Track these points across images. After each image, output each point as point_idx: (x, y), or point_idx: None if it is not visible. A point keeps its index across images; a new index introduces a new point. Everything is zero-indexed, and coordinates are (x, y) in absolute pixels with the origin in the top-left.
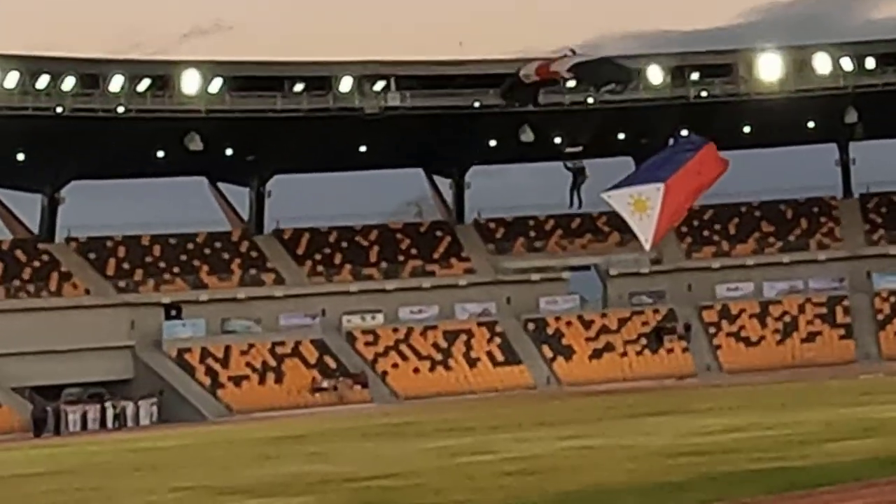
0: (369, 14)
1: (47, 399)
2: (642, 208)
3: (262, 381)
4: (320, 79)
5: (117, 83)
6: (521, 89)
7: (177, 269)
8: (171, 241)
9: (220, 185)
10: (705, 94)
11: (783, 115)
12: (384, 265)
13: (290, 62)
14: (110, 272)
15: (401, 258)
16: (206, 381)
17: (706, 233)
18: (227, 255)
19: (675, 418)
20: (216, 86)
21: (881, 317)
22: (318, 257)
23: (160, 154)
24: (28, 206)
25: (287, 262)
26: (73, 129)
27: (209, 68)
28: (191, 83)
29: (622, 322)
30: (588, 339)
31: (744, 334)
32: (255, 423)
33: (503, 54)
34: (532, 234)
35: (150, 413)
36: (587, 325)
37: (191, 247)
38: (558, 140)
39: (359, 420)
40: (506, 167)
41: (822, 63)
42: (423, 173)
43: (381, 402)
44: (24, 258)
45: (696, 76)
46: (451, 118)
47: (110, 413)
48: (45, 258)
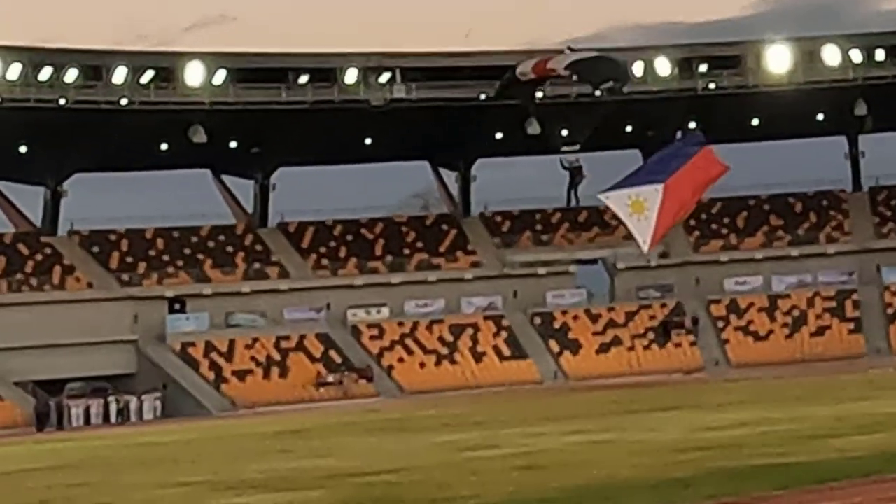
0: (374, 5)
1: (50, 393)
2: (640, 209)
3: (266, 376)
4: (325, 71)
5: (121, 75)
6: (518, 87)
7: (180, 263)
8: (175, 235)
9: (225, 178)
10: (713, 86)
11: (792, 108)
12: (389, 258)
13: (295, 54)
14: (113, 265)
15: (406, 251)
16: (210, 375)
17: (714, 226)
18: (231, 249)
19: (683, 413)
20: (220, 78)
21: (891, 311)
22: (322, 251)
23: (164, 146)
24: (31, 199)
25: (292, 256)
26: (76, 121)
27: (213, 60)
28: (195, 75)
29: (629, 316)
30: (595, 334)
31: (752, 328)
32: (260, 417)
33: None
34: (539, 227)
35: (153, 408)
36: (594, 319)
37: (195, 240)
38: (565, 132)
39: (364, 415)
40: (512, 160)
41: (831, 55)
42: (429, 166)
43: (387, 396)
44: (26, 251)
45: (704, 68)
46: (456, 110)
47: (113, 407)
48: (48, 251)
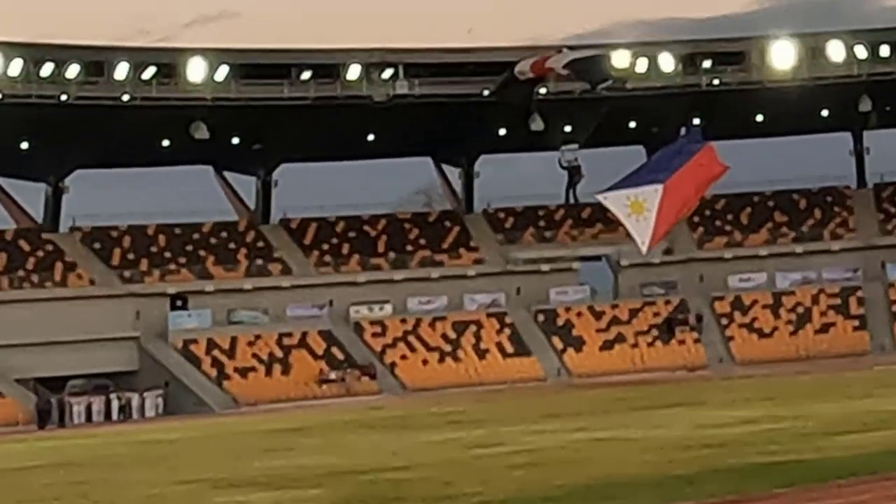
0: (377, 1)
1: (51, 391)
2: (639, 210)
3: (268, 373)
4: (328, 66)
5: (122, 71)
6: (515, 86)
7: (182, 260)
8: (177, 231)
9: (227, 174)
10: (717, 82)
11: (796, 104)
12: (392, 255)
13: (297, 49)
14: (115, 262)
15: (409, 248)
16: (212, 372)
17: (718, 223)
18: (233, 245)
19: (687, 410)
20: (222, 73)
21: None
22: (325, 247)
23: (165, 143)
24: (32, 196)
25: (294, 252)
26: (78, 117)
27: (215, 56)
28: (197, 71)
29: (633, 313)
30: (599, 331)
31: (756, 325)
32: (262, 415)
33: (513, 42)
34: (542, 223)
35: (155, 405)
36: (598, 316)
37: (196, 237)
38: (568, 128)
39: (366, 412)
40: (515, 156)
41: (835, 51)
42: (432, 162)
43: (390, 393)
44: (27, 248)
45: (708, 64)
46: (459, 106)
47: (115, 405)
48: (50, 248)
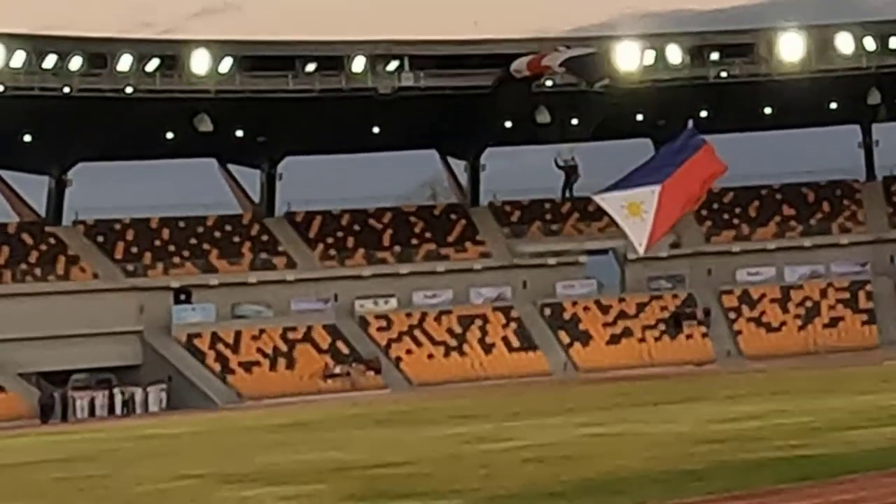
0: None
1: (55, 385)
2: (636, 212)
3: (273, 367)
4: (332, 58)
5: (126, 63)
6: (512, 84)
7: (186, 253)
8: (181, 224)
9: (231, 167)
10: (725, 74)
11: (805, 96)
12: (397, 249)
13: (302, 41)
14: (118, 256)
15: (414, 242)
16: (216, 366)
17: (726, 216)
18: (237, 239)
19: (695, 405)
20: (226, 66)
21: None
22: (330, 241)
23: (169, 135)
24: (35, 189)
25: (299, 246)
26: (81, 109)
27: (219, 48)
28: (200, 63)
29: (640, 307)
30: (605, 325)
31: (765, 320)
32: (266, 409)
33: (519, 34)
34: (548, 217)
35: (158, 399)
36: (605, 310)
37: (200, 230)
38: (575, 121)
39: (372, 407)
40: (521, 149)
41: (844, 43)
42: (438, 155)
43: (395, 388)
44: (30, 241)
45: (715, 56)
46: (465, 99)
47: (119, 399)
48: (52, 241)
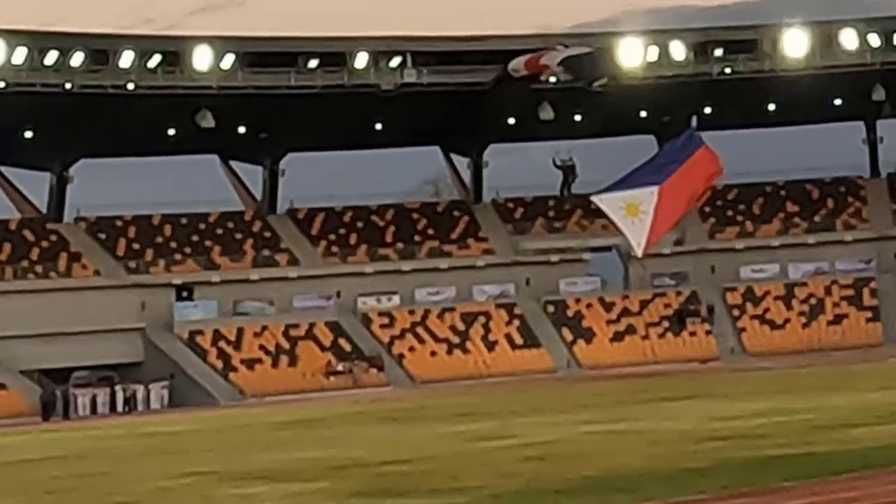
0: None
1: (56, 382)
2: (635, 212)
3: (275, 365)
4: (335, 55)
5: (127, 59)
6: (509, 83)
7: (188, 250)
8: (183, 221)
9: (233, 164)
10: (729, 70)
11: (809, 93)
12: (400, 246)
13: (304, 37)
14: (120, 252)
15: (417, 238)
16: (218, 364)
17: (730, 213)
18: (239, 236)
19: (698, 403)
20: (228, 62)
21: None
22: (332, 237)
23: (171, 132)
24: (36, 185)
25: (301, 243)
26: (83, 106)
27: (221, 44)
28: (202, 59)
29: (644, 304)
30: (609, 322)
31: (768, 317)
32: (269, 407)
33: (522, 30)
34: (552, 213)
35: (160, 397)
36: (608, 307)
37: (202, 227)
38: (578, 118)
39: (374, 404)
40: (525, 145)
41: (849, 39)
42: (440, 151)
43: (398, 385)
44: (32, 238)
45: (719, 52)
46: (468, 95)
47: (120, 396)
48: (54, 238)
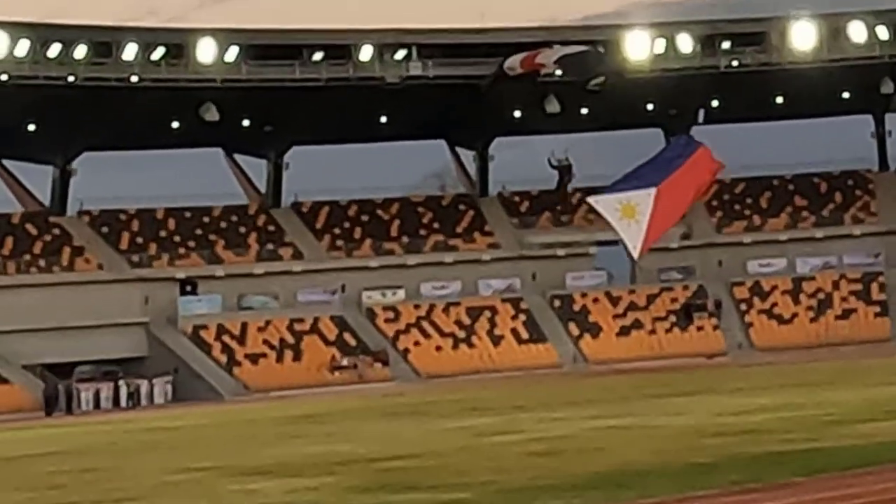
0: None
1: (59, 377)
2: (631, 214)
3: (279, 359)
4: (340, 47)
5: (131, 51)
6: (505, 82)
7: (192, 244)
8: (187, 215)
9: (237, 157)
10: (736, 63)
11: (817, 86)
12: (405, 239)
13: (309, 30)
14: (124, 246)
15: (423, 232)
16: (223, 358)
17: (737, 207)
18: (243, 229)
19: (706, 398)
20: (232, 54)
21: None
22: (337, 231)
23: (175, 125)
24: (39, 178)
25: (305, 237)
26: (86, 98)
27: (225, 36)
28: (206, 52)
29: (651, 299)
30: (615, 317)
31: (776, 311)
32: (273, 402)
33: (527, 22)
34: (558, 207)
35: (164, 391)
36: (615, 301)
37: (206, 220)
38: (585, 111)
39: (379, 399)
40: (531, 139)
41: (857, 32)
42: (446, 145)
43: (403, 380)
44: (34, 232)
45: (727, 45)
46: (474, 88)
47: (124, 391)
48: (57, 232)
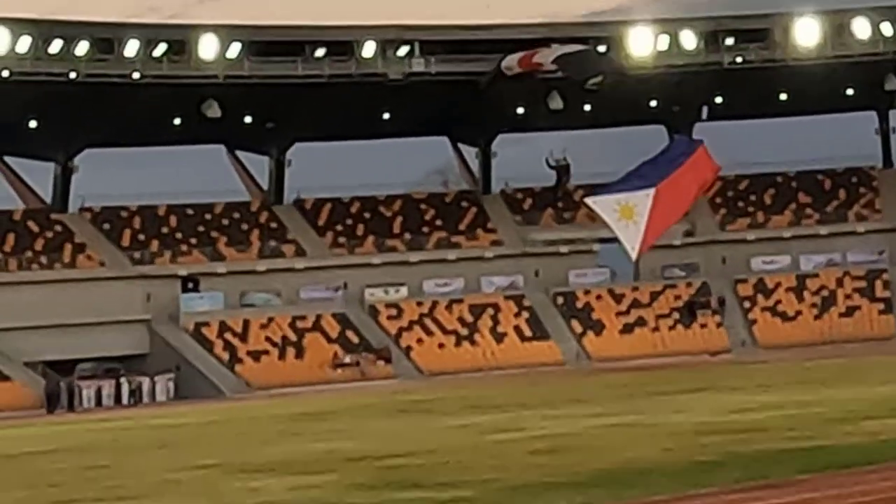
0: None
1: (61, 374)
2: (629, 215)
3: (281, 356)
4: (342, 44)
5: (133, 48)
6: (503, 81)
7: (194, 241)
8: (189, 212)
9: (239, 154)
10: (740, 59)
11: (821, 82)
12: (408, 237)
13: (312, 26)
14: (125, 243)
15: (425, 229)
16: (225, 355)
17: (741, 204)
18: (245, 226)
19: (709, 395)
20: (234, 51)
21: None
22: (339, 228)
23: (177, 121)
24: (41, 175)
25: (308, 234)
26: (87, 95)
27: (227, 33)
28: (208, 48)
29: (654, 296)
30: (619, 314)
31: (780, 309)
32: (275, 399)
33: (530, 18)
34: (561, 204)
35: (166, 389)
36: (618, 298)
37: (208, 217)
38: (588, 108)
39: (382, 397)
40: (534, 135)
41: (861, 28)
42: (449, 141)
43: (405, 378)
44: (36, 229)
45: (730, 41)
46: (477, 84)
47: (125, 389)
48: (59, 229)
